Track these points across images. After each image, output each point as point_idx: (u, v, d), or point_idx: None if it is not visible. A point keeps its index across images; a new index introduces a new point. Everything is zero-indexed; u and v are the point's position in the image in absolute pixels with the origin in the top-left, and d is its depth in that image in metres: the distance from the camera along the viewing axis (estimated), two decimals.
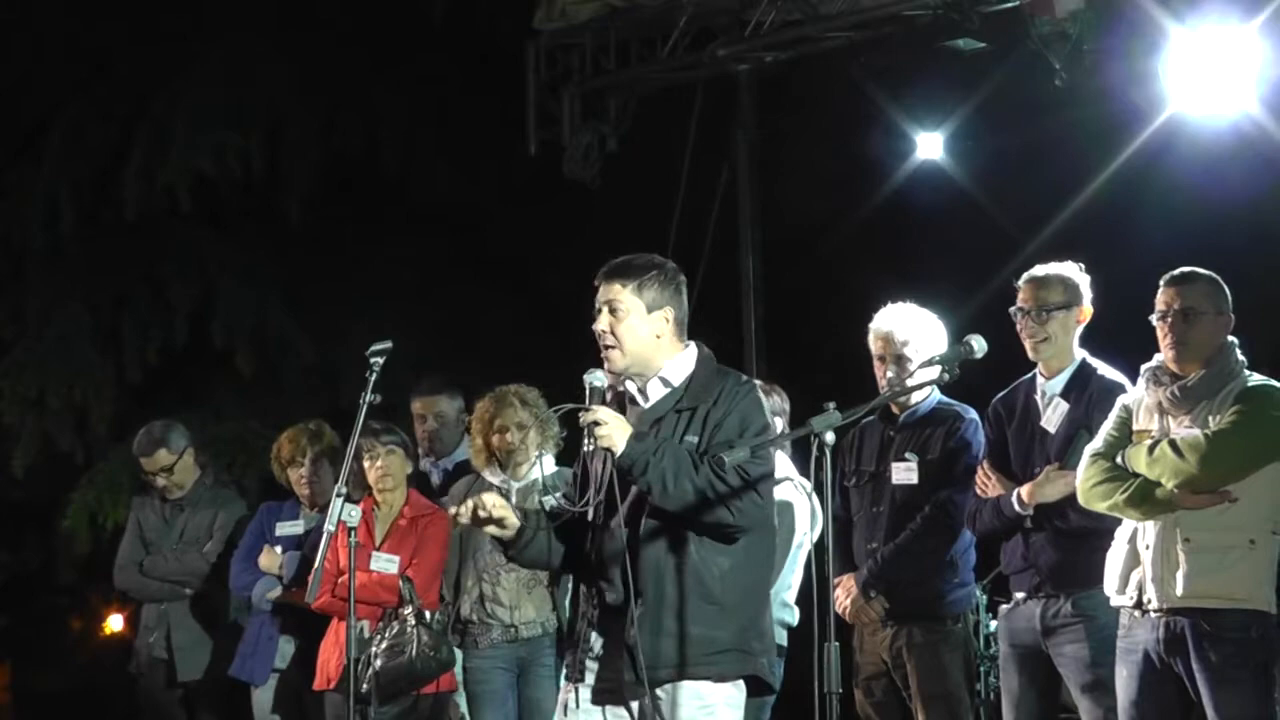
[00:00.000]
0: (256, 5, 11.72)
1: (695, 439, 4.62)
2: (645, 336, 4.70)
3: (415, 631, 6.37)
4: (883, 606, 6.01)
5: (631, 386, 4.76)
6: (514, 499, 6.16)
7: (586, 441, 4.59)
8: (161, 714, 7.53)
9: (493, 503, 4.68)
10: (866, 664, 6.11)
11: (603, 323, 4.70)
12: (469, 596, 6.71)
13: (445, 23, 11.66)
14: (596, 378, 4.65)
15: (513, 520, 4.69)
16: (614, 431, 4.54)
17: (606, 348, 4.71)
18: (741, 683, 4.66)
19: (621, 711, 4.64)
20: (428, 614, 6.45)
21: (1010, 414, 5.73)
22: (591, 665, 4.66)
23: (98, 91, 11.96)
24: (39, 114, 12.03)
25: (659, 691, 4.57)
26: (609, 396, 4.71)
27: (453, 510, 4.77)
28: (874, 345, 6.11)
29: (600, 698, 4.65)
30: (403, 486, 6.80)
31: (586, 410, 4.58)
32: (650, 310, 4.70)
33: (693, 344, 4.80)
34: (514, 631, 6.66)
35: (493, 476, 6.64)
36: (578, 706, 4.68)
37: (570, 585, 6.60)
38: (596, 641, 4.66)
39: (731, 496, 4.53)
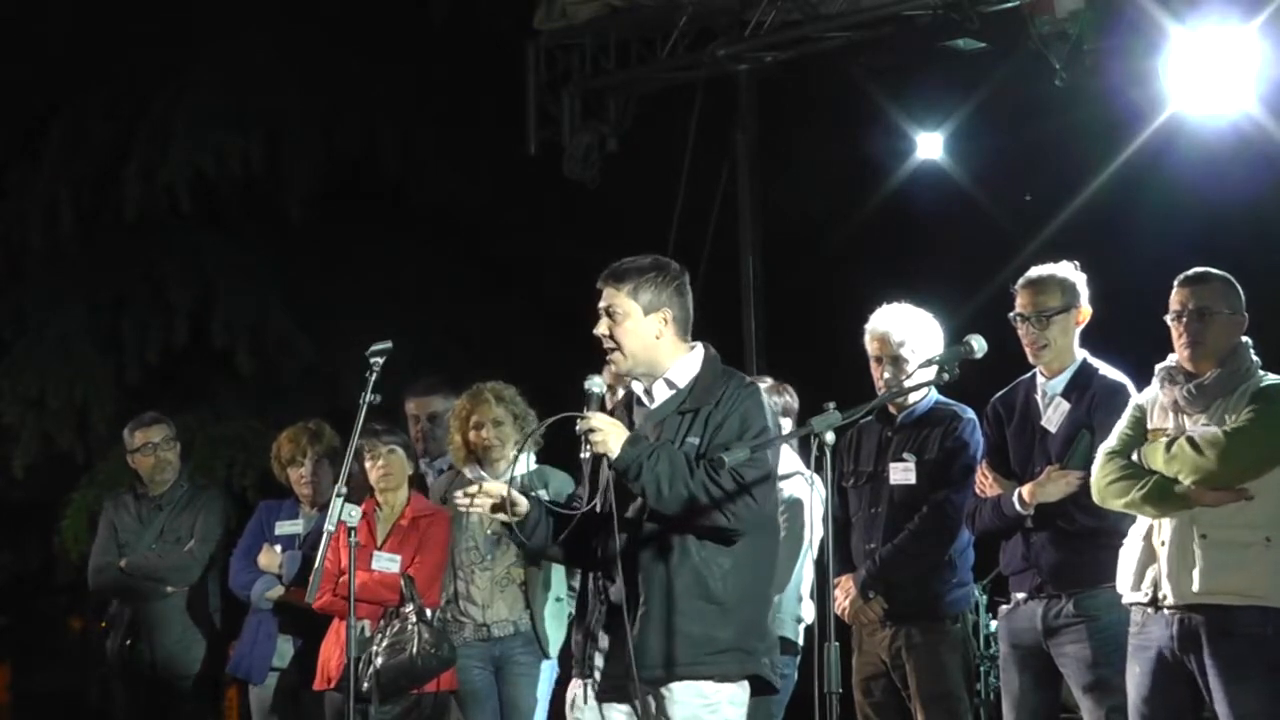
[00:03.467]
0: (256, 5, 11.73)
1: (696, 441, 4.64)
2: (645, 338, 4.71)
3: (416, 629, 6.37)
4: (881, 607, 6.00)
5: (638, 388, 4.79)
6: None
7: (584, 447, 4.61)
8: (142, 715, 7.50)
9: (498, 489, 4.69)
10: (865, 664, 6.10)
11: (602, 327, 4.73)
12: (443, 595, 6.71)
13: (445, 23, 11.66)
14: (595, 384, 4.66)
15: (522, 502, 4.71)
16: (609, 437, 4.56)
17: (609, 351, 4.74)
18: (745, 683, 4.68)
19: (625, 708, 4.67)
20: (428, 612, 6.45)
21: (1010, 413, 5.72)
22: (599, 662, 4.70)
23: (98, 91, 11.96)
24: (39, 114, 12.04)
25: (662, 690, 4.59)
26: (614, 398, 4.71)
27: (460, 498, 4.73)
28: (870, 346, 6.10)
29: (605, 695, 4.69)
30: (404, 486, 6.79)
31: (582, 418, 4.60)
32: (648, 312, 4.70)
33: (699, 345, 4.81)
34: (486, 630, 6.64)
35: (470, 473, 6.65)
36: (585, 702, 4.72)
37: (547, 583, 6.59)
38: (604, 639, 4.69)
39: (726, 500, 4.54)
